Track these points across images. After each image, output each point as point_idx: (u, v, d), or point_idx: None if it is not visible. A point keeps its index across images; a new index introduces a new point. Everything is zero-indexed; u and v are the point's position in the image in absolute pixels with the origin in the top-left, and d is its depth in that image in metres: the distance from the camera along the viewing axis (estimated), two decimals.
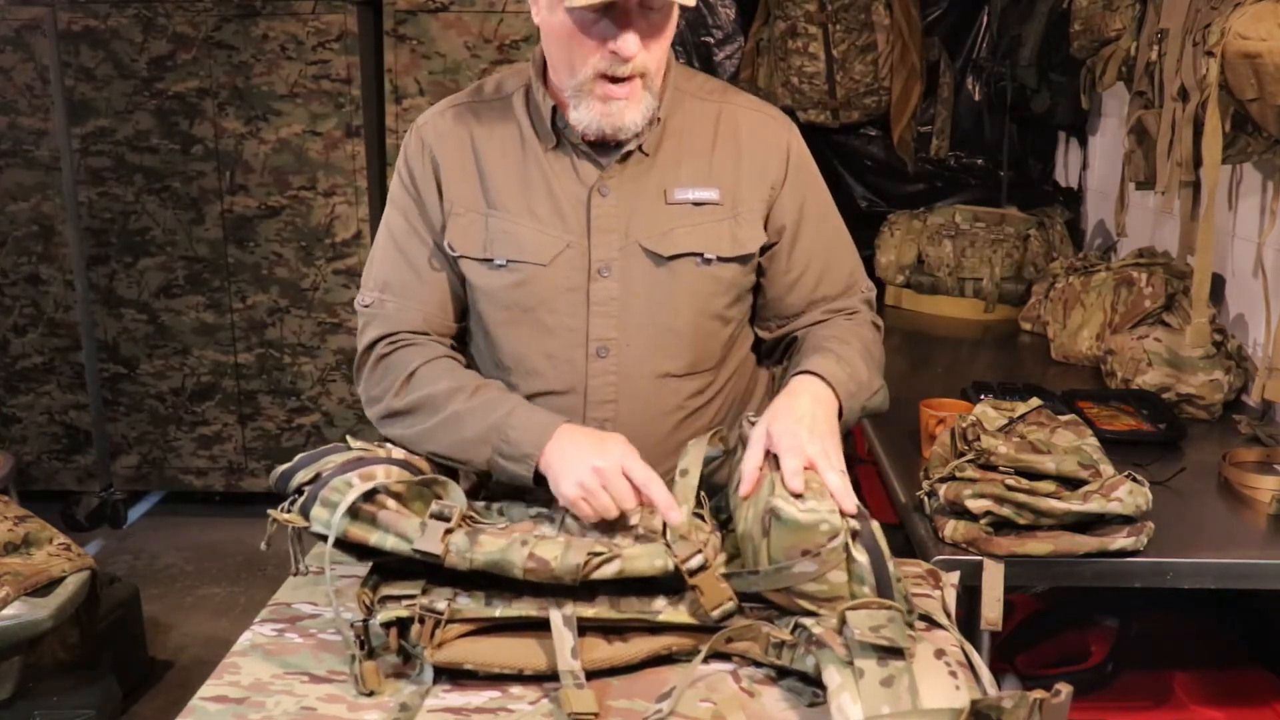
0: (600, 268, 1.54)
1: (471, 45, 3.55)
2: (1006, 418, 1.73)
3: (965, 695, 1.08)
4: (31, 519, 2.53)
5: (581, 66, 1.45)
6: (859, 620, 1.14)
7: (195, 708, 1.18)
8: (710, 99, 1.61)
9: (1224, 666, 1.99)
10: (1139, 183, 2.46)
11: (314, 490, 1.27)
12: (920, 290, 3.26)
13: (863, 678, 1.09)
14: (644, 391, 1.56)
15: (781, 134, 1.63)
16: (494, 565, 1.21)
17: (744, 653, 1.24)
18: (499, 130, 1.58)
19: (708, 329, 1.59)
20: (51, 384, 3.83)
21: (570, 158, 1.55)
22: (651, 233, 1.54)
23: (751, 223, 1.58)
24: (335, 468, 1.30)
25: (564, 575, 1.20)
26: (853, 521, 1.23)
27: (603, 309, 1.54)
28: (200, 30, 3.55)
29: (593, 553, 1.21)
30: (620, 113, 1.46)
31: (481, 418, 1.47)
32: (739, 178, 1.58)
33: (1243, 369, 2.27)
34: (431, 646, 1.20)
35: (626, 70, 1.44)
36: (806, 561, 1.22)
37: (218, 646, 1.65)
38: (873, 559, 1.22)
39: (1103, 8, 2.66)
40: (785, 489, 1.25)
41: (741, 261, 1.58)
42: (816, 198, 1.65)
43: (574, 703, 1.15)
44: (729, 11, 3.75)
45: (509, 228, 1.55)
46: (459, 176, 1.58)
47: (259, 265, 3.71)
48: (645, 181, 1.55)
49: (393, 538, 1.24)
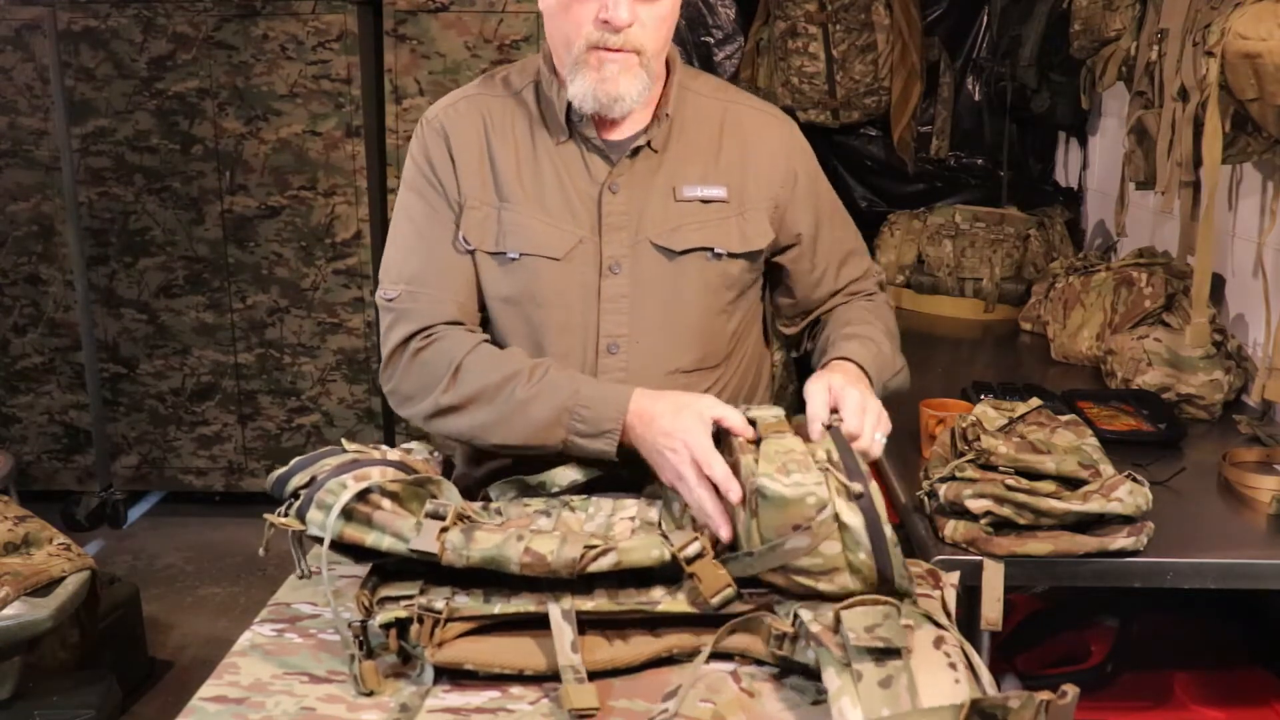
0: (611, 265, 1.56)
1: (471, 45, 3.55)
2: (1006, 418, 1.73)
3: (965, 689, 1.07)
4: (31, 519, 2.53)
5: (576, 38, 1.48)
6: (854, 621, 1.13)
7: (195, 708, 1.18)
8: (715, 97, 1.64)
9: (1224, 666, 1.99)
10: (1139, 183, 2.46)
11: (309, 493, 1.27)
12: (920, 290, 3.26)
13: (861, 680, 1.09)
14: (653, 387, 1.56)
15: (786, 135, 1.66)
16: (490, 561, 1.20)
17: (746, 649, 1.24)
18: (510, 123, 1.59)
19: (715, 325, 1.61)
20: (51, 384, 3.83)
21: (581, 152, 1.57)
22: (661, 229, 1.56)
23: (758, 220, 1.61)
24: (330, 470, 1.29)
25: (560, 569, 1.19)
26: (855, 485, 1.22)
27: (613, 306, 1.56)
28: (200, 30, 3.55)
29: (588, 545, 1.21)
30: (614, 79, 1.48)
31: (549, 401, 1.45)
32: (745, 176, 1.60)
33: (1243, 369, 2.27)
34: (432, 646, 1.20)
35: (619, 41, 1.46)
36: (799, 536, 1.21)
37: (218, 646, 1.65)
38: (868, 520, 1.20)
39: (1103, 8, 2.66)
40: (768, 465, 1.24)
41: (749, 258, 1.62)
42: (827, 195, 1.72)
43: (575, 698, 1.14)
44: (729, 11, 3.75)
45: (521, 220, 1.56)
46: (472, 168, 1.59)
47: (259, 265, 3.71)
48: (654, 178, 1.57)
49: (389, 538, 1.23)
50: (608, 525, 1.37)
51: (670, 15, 1.51)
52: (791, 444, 1.27)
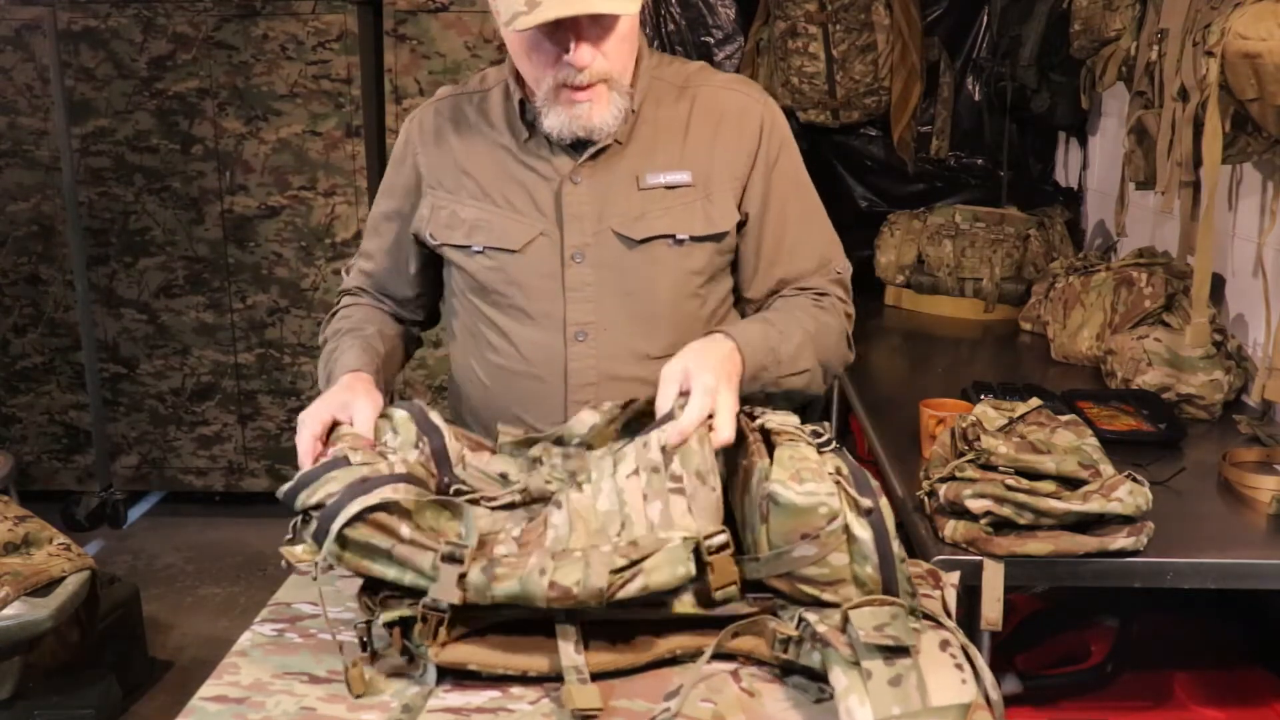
0: (574, 253, 1.58)
1: (471, 45, 3.55)
2: (1006, 418, 1.73)
3: (972, 688, 1.08)
4: (31, 519, 2.53)
5: (543, 80, 1.50)
6: (863, 620, 1.13)
7: (195, 708, 1.18)
8: (687, 84, 1.64)
9: (1224, 666, 1.99)
10: (1139, 183, 2.46)
11: (324, 522, 1.22)
12: (920, 290, 3.26)
13: (870, 679, 1.09)
14: (625, 374, 1.58)
15: (756, 110, 1.64)
16: (515, 598, 1.17)
17: (750, 651, 1.24)
18: (478, 122, 1.64)
19: (686, 309, 1.61)
20: (51, 384, 3.83)
21: (545, 149, 1.59)
22: (624, 218, 1.57)
23: (724, 201, 1.60)
24: (342, 491, 1.24)
25: (588, 600, 1.17)
26: (866, 500, 1.22)
27: (579, 294, 1.58)
28: (200, 30, 3.55)
29: (614, 570, 1.17)
30: (588, 114, 1.51)
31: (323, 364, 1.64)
32: (713, 157, 1.60)
33: (1243, 369, 2.27)
34: (436, 646, 1.20)
35: (585, 79, 1.48)
36: (806, 545, 1.21)
37: (218, 646, 1.64)
38: (876, 535, 1.21)
39: (1103, 8, 2.66)
40: (781, 472, 1.23)
41: (715, 240, 1.61)
42: (787, 174, 1.66)
43: (578, 699, 1.14)
44: (729, 11, 3.75)
45: (486, 216, 1.61)
46: (440, 167, 1.64)
47: (259, 265, 3.71)
48: (618, 169, 1.58)
49: (410, 574, 1.21)
50: (619, 500, 1.28)
51: (630, 32, 1.52)
52: (805, 452, 1.26)
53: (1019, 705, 1.85)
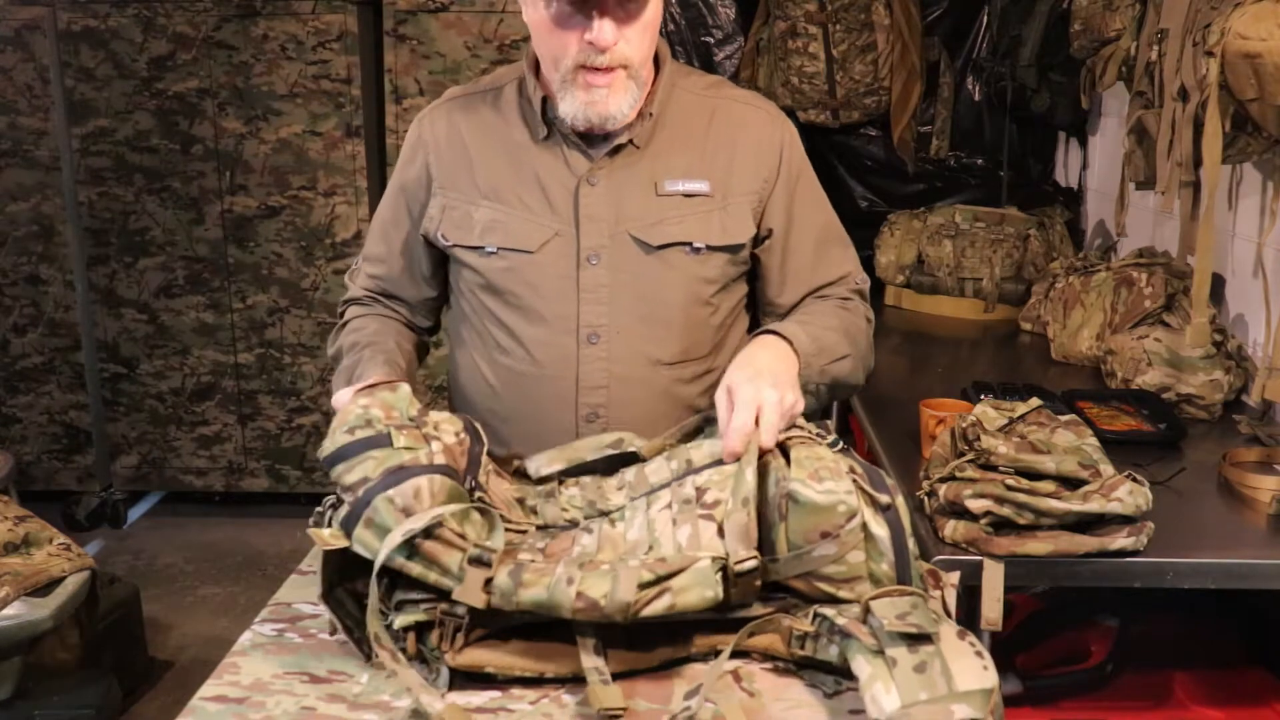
0: (589, 255, 1.57)
1: (471, 45, 3.55)
2: (1006, 418, 1.73)
3: (993, 674, 1.08)
4: (31, 519, 2.53)
5: (563, 58, 1.50)
6: (884, 609, 1.14)
7: (195, 708, 1.18)
8: (706, 94, 1.65)
9: (1224, 666, 1.99)
10: (1139, 183, 2.45)
11: (357, 508, 1.22)
12: (920, 290, 3.26)
13: (895, 666, 1.10)
14: (635, 378, 1.59)
15: (776, 130, 1.66)
16: (540, 606, 1.17)
17: (767, 648, 1.24)
18: (492, 122, 1.63)
19: (698, 317, 1.62)
20: (51, 384, 3.83)
21: (561, 149, 1.59)
22: (641, 222, 1.57)
23: (741, 214, 1.61)
24: (378, 480, 1.23)
25: (615, 614, 1.16)
26: (883, 497, 1.23)
27: (592, 295, 1.58)
28: (200, 30, 3.55)
29: (642, 584, 1.17)
30: (604, 101, 1.50)
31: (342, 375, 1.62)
32: (731, 170, 1.61)
33: (1243, 369, 2.27)
34: (452, 651, 1.20)
35: (605, 60, 1.48)
36: (826, 544, 1.22)
37: (218, 646, 1.65)
38: (893, 533, 1.22)
39: (1103, 8, 2.66)
40: (800, 471, 1.24)
41: (731, 251, 1.62)
42: (808, 194, 1.68)
43: (602, 698, 1.14)
44: (729, 11, 3.75)
45: (500, 217, 1.60)
46: (452, 168, 1.63)
47: (259, 265, 3.71)
48: (635, 172, 1.58)
49: (435, 573, 1.20)
50: (649, 530, 1.30)
51: (653, 21, 1.52)
52: (821, 452, 1.27)
53: (1019, 705, 1.85)
